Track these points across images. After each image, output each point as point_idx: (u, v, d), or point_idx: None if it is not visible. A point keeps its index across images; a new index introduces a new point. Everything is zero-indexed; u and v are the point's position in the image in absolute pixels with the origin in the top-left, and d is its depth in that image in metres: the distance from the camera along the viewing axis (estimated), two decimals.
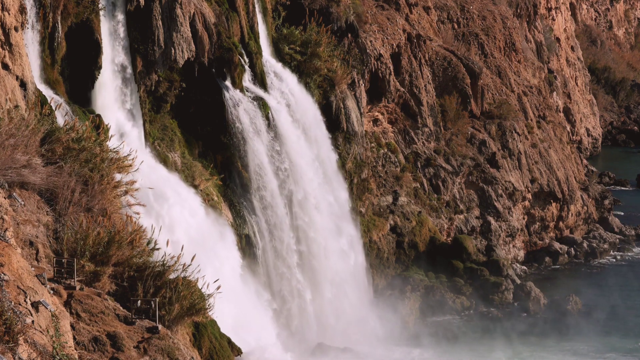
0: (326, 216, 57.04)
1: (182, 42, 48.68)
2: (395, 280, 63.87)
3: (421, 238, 66.12)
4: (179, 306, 31.77)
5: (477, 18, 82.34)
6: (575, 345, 57.66)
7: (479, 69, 74.08)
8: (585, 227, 79.83)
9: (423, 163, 69.14)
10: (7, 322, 20.08)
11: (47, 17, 41.68)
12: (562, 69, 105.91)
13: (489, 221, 70.15)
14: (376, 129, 67.70)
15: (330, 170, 59.18)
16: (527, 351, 56.88)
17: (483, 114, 74.48)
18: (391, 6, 71.85)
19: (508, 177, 72.55)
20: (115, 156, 37.03)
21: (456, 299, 63.20)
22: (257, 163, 52.38)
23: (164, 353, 27.79)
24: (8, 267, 22.92)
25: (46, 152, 33.63)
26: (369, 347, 54.38)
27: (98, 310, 28.15)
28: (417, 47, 70.53)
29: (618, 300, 65.96)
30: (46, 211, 31.22)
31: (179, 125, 50.79)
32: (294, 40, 59.67)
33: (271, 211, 52.80)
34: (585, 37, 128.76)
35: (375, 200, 65.24)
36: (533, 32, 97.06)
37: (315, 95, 60.05)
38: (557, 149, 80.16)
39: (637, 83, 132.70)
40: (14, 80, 36.55)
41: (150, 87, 48.50)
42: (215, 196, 50.40)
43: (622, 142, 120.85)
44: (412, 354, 54.98)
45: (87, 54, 44.04)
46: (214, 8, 51.89)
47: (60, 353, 22.52)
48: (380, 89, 67.34)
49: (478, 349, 56.84)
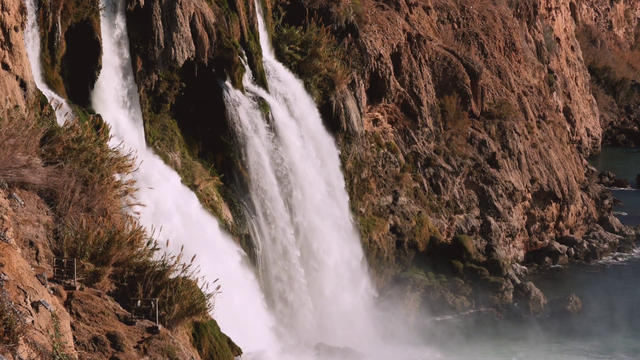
0: (326, 216, 57.04)
1: (182, 42, 48.68)
2: (395, 280, 63.86)
3: (421, 238, 66.11)
4: (179, 306, 31.76)
5: (477, 18, 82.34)
6: (575, 345, 57.65)
7: (479, 69, 74.07)
8: (585, 227, 79.82)
9: (423, 163, 69.14)
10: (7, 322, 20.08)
11: (47, 17, 41.68)
12: (562, 69, 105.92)
13: (489, 221, 70.14)
14: (376, 129, 67.70)
15: (330, 170, 59.16)
16: (527, 351, 56.86)
17: (483, 114, 74.48)
18: (391, 6, 71.85)
19: (508, 177, 72.55)
20: (115, 156, 37.03)
21: (456, 299, 63.19)
22: (257, 163, 52.37)
23: (164, 353, 27.79)
24: (8, 267, 22.91)
25: (46, 152, 33.64)
26: (369, 347, 54.36)
27: (98, 310, 28.14)
28: (417, 47, 70.53)
29: (618, 300, 65.94)
30: (46, 211, 31.22)
31: (179, 125, 50.78)
32: (294, 40, 59.67)
33: (271, 211, 52.79)
34: (585, 37, 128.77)
35: (375, 200, 65.23)
36: (533, 32, 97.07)
37: (315, 95, 60.05)
38: (557, 149, 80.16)
39: (637, 83, 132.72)
40: (14, 80, 36.55)
41: (150, 87, 48.50)
42: (215, 196, 50.40)
43: (622, 142, 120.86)
44: (412, 354, 54.97)
45: (87, 54, 44.04)
46: (214, 8, 51.89)
47: (60, 353, 22.51)
48: (380, 89, 67.34)
49: (478, 349, 56.82)
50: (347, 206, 60.56)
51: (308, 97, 59.16)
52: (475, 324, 60.94)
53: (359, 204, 63.29)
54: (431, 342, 56.69)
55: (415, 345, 56.27)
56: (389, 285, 63.51)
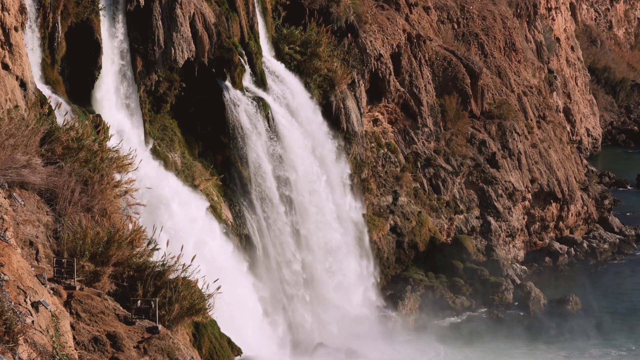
0: (327, 215, 57.02)
1: (182, 42, 48.68)
2: (395, 280, 63.86)
3: (421, 238, 66.11)
4: (178, 306, 31.75)
5: (477, 18, 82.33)
6: (575, 345, 57.66)
7: (479, 69, 74.07)
8: (585, 227, 79.81)
9: (423, 163, 69.13)
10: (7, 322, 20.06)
11: (47, 17, 41.68)
12: (562, 69, 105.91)
13: (489, 221, 70.13)
14: (376, 129, 67.69)
15: (330, 169, 59.16)
16: (527, 351, 56.86)
17: (483, 114, 74.47)
18: (391, 6, 71.85)
19: (508, 177, 72.54)
20: (115, 156, 37.01)
21: (456, 299, 63.18)
22: (257, 163, 52.37)
23: (164, 353, 27.77)
24: (8, 267, 22.90)
25: (46, 152, 33.62)
26: (369, 347, 54.35)
27: (98, 310, 28.13)
28: (417, 47, 70.52)
29: (618, 300, 65.96)
30: (46, 211, 31.21)
31: (179, 125, 50.79)
32: (294, 40, 59.66)
33: (271, 211, 52.79)
34: (585, 37, 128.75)
35: (375, 200, 65.23)
36: (533, 32, 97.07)
37: (315, 95, 60.05)
38: (557, 149, 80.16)
39: (637, 83, 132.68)
40: (14, 80, 36.54)
41: (150, 87, 48.50)
42: (215, 196, 50.40)
43: (622, 142, 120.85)
44: (412, 354, 54.97)
45: (87, 54, 44.04)
46: (214, 8, 51.88)
47: (60, 353, 22.50)
48: (380, 89, 67.33)
49: (478, 349, 56.83)
50: (349, 206, 60.54)
51: (308, 97, 59.16)
52: (475, 324, 60.92)
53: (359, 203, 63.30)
54: (431, 342, 56.69)
55: (415, 345, 56.27)
56: (389, 285, 63.52)
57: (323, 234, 56.31)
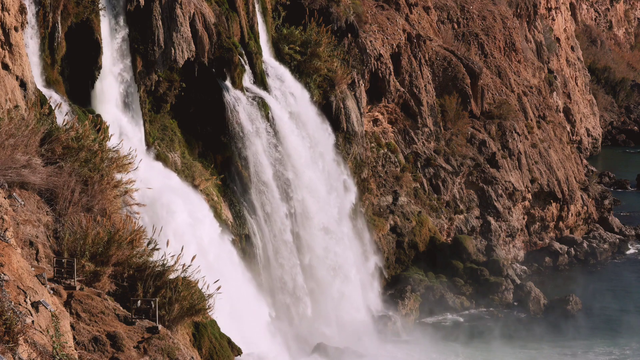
0: (327, 215, 57.01)
1: (182, 42, 48.68)
2: (395, 280, 63.87)
3: (421, 238, 66.11)
4: (178, 306, 31.73)
5: (477, 18, 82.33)
6: (575, 345, 57.66)
7: (479, 69, 74.06)
8: (585, 227, 79.81)
9: (423, 163, 69.13)
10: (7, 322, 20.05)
11: (47, 17, 41.67)
12: (562, 69, 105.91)
13: (489, 221, 70.13)
14: (376, 129, 67.69)
15: (331, 169, 59.15)
16: (527, 351, 56.87)
17: (483, 114, 74.46)
18: (391, 6, 71.84)
19: (508, 177, 72.54)
20: (115, 155, 37.01)
21: (456, 299, 63.19)
22: (257, 163, 52.37)
23: (164, 353, 27.77)
24: (8, 267, 22.90)
25: (46, 152, 33.61)
26: (369, 347, 54.36)
27: (98, 310, 28.12)
28: (417, 47, 70.52)
29: (618, 300, 65.97)
30: (46, 211, 31.20)
31: (179, 125, 50.78)
32: (294, 40, 59.66)
33: (271, 211, 52.79)
34: (585, 37, 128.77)
35: (375, 200, 65.22)
36: (533, 32, 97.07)
37: (315, 95, 60.04)
38: (557, 149, 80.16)
39: (637, 83, 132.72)
40: (14, 80, 36.54)
41: (150, 87, 48.50)
42: (215, 196, 50.40)
43: (622, 142, 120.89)
44: (412, 354, 54.98)
45: (87, 54, 44.05)
46: (214, 8, 51.88)
47: (60, 353, 22.49)
48: (380, 89, 67.32)
49: (478, 349, 56.83)
50: (349, 205, 60.52)
51: (308, 97, 59.16)
52: (475, 324, 60.94)
53: (359, 204, 63.27)
54: (431, 342, 56.69)
55: (415, 345, 56.27)
56: (389, 285, 63.53)
57: (323, 234, 56.31)
